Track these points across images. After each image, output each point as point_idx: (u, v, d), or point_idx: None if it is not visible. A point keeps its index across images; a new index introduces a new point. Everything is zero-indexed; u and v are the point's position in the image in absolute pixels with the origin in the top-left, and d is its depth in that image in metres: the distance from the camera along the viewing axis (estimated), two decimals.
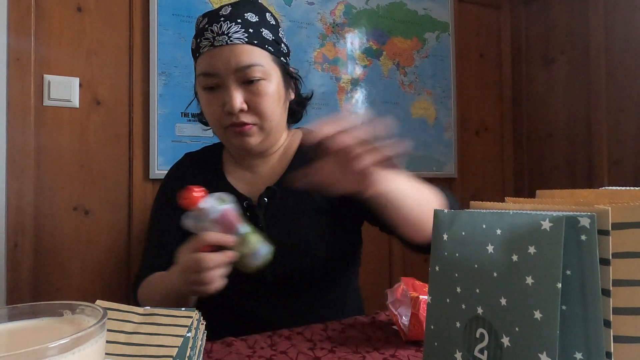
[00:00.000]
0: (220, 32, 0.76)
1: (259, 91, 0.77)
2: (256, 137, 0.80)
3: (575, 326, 0.30)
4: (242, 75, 0.76)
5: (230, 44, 0.76)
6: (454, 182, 2.00)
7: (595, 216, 0.29)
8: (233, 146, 0.84)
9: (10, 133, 1.29)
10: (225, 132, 0.81)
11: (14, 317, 0.33)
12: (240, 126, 0.78)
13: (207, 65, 0.78)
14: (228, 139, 0.82)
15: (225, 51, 0.76)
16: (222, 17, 0.77)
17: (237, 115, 0.77)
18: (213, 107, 0.79)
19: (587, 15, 1.86)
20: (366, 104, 1.81)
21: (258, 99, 0.77)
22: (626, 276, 0.30)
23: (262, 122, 0.79)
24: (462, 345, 0.37)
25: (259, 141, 0.81)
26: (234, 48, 0.76)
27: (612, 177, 1.77)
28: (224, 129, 0.80)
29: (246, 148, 0.81)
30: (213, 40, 0.76)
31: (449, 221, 0.40)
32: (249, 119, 0.78)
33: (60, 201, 1.35)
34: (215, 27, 0.76)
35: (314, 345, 0.61)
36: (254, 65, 0.76)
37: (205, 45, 0.77)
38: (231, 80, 0.76)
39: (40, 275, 1.32)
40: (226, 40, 0.75)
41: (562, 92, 1.97)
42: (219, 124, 0.80)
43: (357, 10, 1.79)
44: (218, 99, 0.78)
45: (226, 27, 0.76)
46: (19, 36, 1.31)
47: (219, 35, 0.76)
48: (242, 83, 0.77)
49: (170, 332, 0.48)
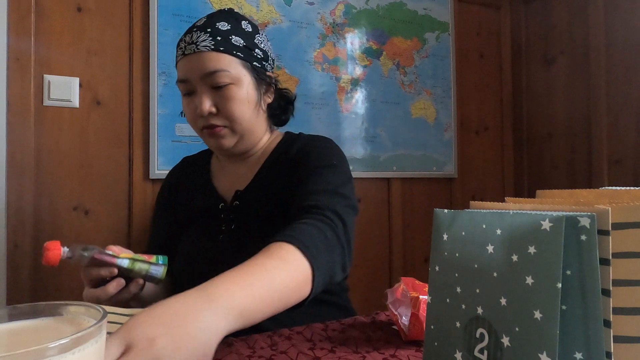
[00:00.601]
0: (190, 41, 0.81)
1: (226, 95, 0.82)
2: (229, 138, 0.85)
3: (575, 326, 0.30)
4: (210, 81, 0.81)
5: (197, 52, 0.80)
6: (454, 182, 2.00)
7: (595, 216, 0.29)
8: (211, 147, 0.90)
9: (10, 133, 1.29)
10: (201, 134, 0.87)
11: (14, 317, 0.33)
12: (211, 128, 0.83)
13: (180, 72, 0.84)
14: (205, 140, 0.88)
15: (193, 59, 0.81)
16: (195, 27, 0.83)
17: (207, 118, 0.82)
18: (189, 111, 0.85)
19: (587, 15, 1.86)
20: (366, 104, 1.81)
21: (226, 102, 0.82)
22: (626, 276, 0.30)
23: (232, 125, 0.84)
24: (462, 345, 0.37)
25: (233, 143, 0.86)
26: (200, 55, 0.80)
27: (612, 177, 1.77)
28: (200, 130, 0.86)
29: (222, 149, 0.87)
30: (184, 49, 0.82)
31: (449, 221, 0.40)
32: (219, 121, 0.83)
33: (60, 201, 1.35)
34: (187, 37, 0.82)
35: (314, 345, 0.61)
36: (219, 70, 0.80)
37: (179, 54, 0.84)
38: (200, 86, 0.82)
39: (40, 275, 1.32)
40: (194, 49, 0.81)
41: (562, 92, 1.97)
42: (195, 126, 0.87)
43: (357, 10, 1.79)
44: (193, 103, 0.83)
45: (196, 37, 0.81)
46: (19, 36, 1.31)
47: (189, 45, 0.81)
48: (211, 88, 0.82)
49: None
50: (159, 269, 0.73)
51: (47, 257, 0.65)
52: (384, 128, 1.84)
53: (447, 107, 1.98)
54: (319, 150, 0.87)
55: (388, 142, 1.85)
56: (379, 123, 1.83)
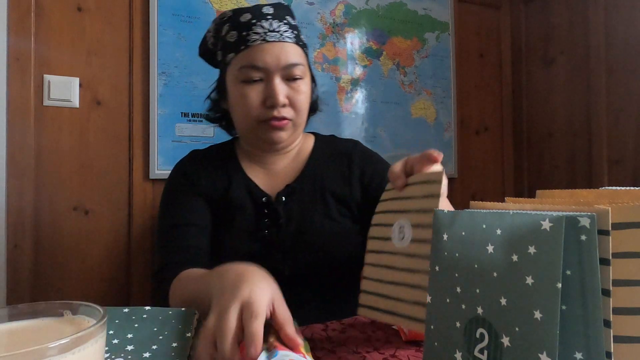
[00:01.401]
0: (271, 29, 0.79)
1: (299, 89, 0.82)
2: (288, 132, 0.84)
3: (575, 326, 0.30)
4: (287, 73, 0.80)
5: (282, 41, 0.80)
6: (454, 182, 2.00)
7: (595, 216, 0.29)
8: (261, 140, 0.86)
9: (10, 133, 1.29)
10: (257, 126, 0.83)
11: (14, 317, 0.33)
12: (279, 120, 0.81)
13: (254, 58, 0.79)
14: (258, 133, 0.84)
15: (277, 47, 0.79)
16: (268, 15, 0.81)
17: (279, 109, 0.80)
18: (251, 100, 0.81)
19: (587, 15, 1.86)
20: (366, 104, 1.81)
21: (298, 95, 0.82)
22: (626, 276, 0.30)
23: (297, 119, 0.84)
24: (462, 345, 0.37)
25: (289, 136, 0.85)
26: (284, 45, 0.80)
27: (612, 177, 1.77)
28: (258, 122, 0.82)
29: (277, 142, 0.84)
30: (265, 35, 0.79)
31: (449, 221, 0.40)
32: (288, 113, 0.82)
33: (60, 201, 1.35)
34: (266, 24, 0.80)
35: (314, 345, 0.61)
36: (298, 64, 0.81)
37: (256, 39, 0.79)
38: (276, 76, 0.80)
39: (40, 275, 1.32)
40: (278, 37, 0.79)
41: (562, 92, 1.97)
42: (254, 116, 0.82)
43: (357, 10, 1.79)
44: (258, 93, 0.80)
45: (276, 25, 0.80)
46: (19, 36, 1.31)
47: (271, 32, 0.79)
48: (285, 79, 0.81)
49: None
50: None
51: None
52: (384, 128, 1.84)
53: (447, 107, 1.98)
54: (379, 158, 0.94)
55: (388, 142, 1.84)
56: (379, 123, 1.83)
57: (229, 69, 0.83)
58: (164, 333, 0.48)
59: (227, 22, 0.84)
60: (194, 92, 1.50)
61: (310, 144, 0.94)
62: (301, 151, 0.93)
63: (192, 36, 1.49)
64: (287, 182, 0.87)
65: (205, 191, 0.87)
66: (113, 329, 0.48)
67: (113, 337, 0.47)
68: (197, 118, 1.51)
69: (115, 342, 0.46)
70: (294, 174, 0.90)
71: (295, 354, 0.43)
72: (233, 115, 0.88)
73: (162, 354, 0.45)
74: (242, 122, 0.85)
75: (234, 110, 0.86)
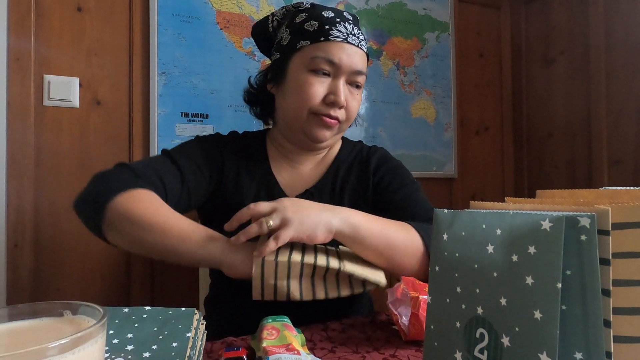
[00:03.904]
0: (352, 32, 0.82)
1: (356, 96, 0.85)
2: (333, 132, 0.85)
3: (575, 326, 0.30)
4: (353, 78, 0.83)
5: (359, 47, 0.83)
6: (454, 182, 2.00)
7: (595, 216, 0.29)
8: (303, 133, 0.85)
9: (10, 133, 1.29)
10: (308, 117, 0.82)
11: (14, 317, 0.33)
12: (332, 118, 0.82)
13: (332, 53, 0.80)
14: (304, 125, 0.83)
15: (353, 51, 0.82)
16: (349, 19, 0.84)
17: (335, 109, 0.82)
18: (315, 90, 0.81)
19: (587, 15, 1.86)
20: (366, 104, 1.81)
21: (354, 102, 0.84)
22: (626, 276, 0.30)
23: (344, 123, 0.85)
24: (462, 345, 0.37)
25: (331, 137, 0.86)
26: (359, 51, 0.83)
27: (612, 177, 1.77)
28: (311, 113, 0.82)
29: (320, 140, 0.85)
30: (347, 35, 0.81)
31: (449, 221, 0.40)
32: (342, 115, 0.83)
33: (60, 201, 1.35)
34: (348, 26, 0.82)
35: (314, 345, 0.61)
36: (363, 73, 0.84)
37: (338, 36, 0.81)
38: (342, 77, 0.82)
39: (40, 275, 1.32)
40: (358, 43, 0.82)
41: (562, 92, 1.97)
42: (310, 106, 0.81)
43: (357, 10, 1.79)
44: (323, 85, 0.81)
45: (357, 31, 0.83)
46: (19, 36, 1.31)
47: (352, 35, 0.82)
48: (347, 83, 0.83)
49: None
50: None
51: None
52: (384, 128, 1.84)
53: (447, 107, 1.98)
54: (401, 169, 0.94)
55: (388, 142, 1.84)
56: (379, 123, 1.83)
57: (297, 54, 0.82)
58: (164, 333, 0.48)
59: (304, 12, 0.85)
60: (194, 92, 1.50)
61: (337, 149, 0.96)
62: (327, 156, 0.94)
63: (192, 36, 1.49)
64: (309, 186, 0.89)
65: (219, 173, 0.87)
66: (113, 329, 0.48)
67: (113, 337, 0.47)
68: (197, 118, 1.51)
69: (115, 342, 0.46)
70: (317, 177, 0.91)
71: (287, 354, 0.43)
72: (283, 101, 0.85)
73: (162, 354, 0.45)
74: (294, 110, 0.83)
75: (288, 96, 0.84)
